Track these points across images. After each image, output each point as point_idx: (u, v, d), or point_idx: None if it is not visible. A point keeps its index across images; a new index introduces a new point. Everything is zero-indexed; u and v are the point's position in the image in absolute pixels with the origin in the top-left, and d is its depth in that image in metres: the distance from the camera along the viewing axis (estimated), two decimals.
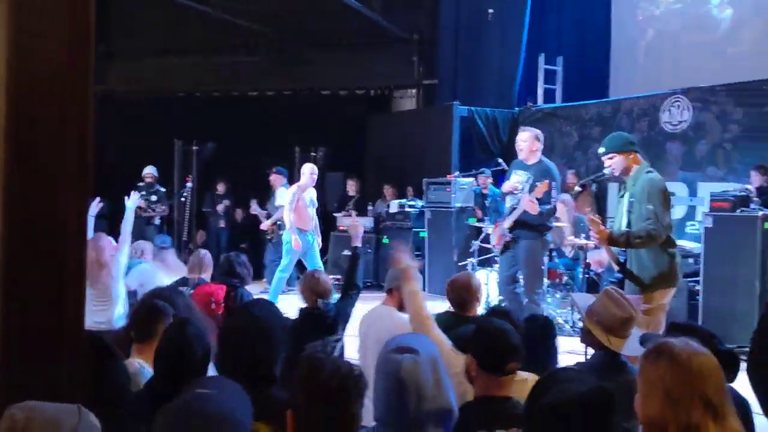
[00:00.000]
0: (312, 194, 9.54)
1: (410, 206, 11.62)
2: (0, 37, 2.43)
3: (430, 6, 14.15)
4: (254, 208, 11.91)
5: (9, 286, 2.43)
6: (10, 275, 2.44)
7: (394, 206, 11.81)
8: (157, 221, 11.60)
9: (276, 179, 11.42)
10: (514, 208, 6.85)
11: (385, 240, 11.57)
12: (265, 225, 11.30)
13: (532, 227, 6.83)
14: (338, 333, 4.46)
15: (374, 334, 4.16)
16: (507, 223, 6.92)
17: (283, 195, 10.18)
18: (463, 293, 4.29)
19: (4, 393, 2.41)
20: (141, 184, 11.16)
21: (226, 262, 5.97)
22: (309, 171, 9.52)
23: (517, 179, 6.94)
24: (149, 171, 11.56)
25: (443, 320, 4.18)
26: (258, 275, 11.65)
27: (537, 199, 6.61)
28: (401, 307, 4.38)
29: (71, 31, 2.51)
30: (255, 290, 8.36)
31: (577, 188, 6.16)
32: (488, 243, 8.72)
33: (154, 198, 11.42)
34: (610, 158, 5.14)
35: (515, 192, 6.92)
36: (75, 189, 2.49)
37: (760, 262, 7.25)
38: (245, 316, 2.91)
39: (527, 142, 6.94)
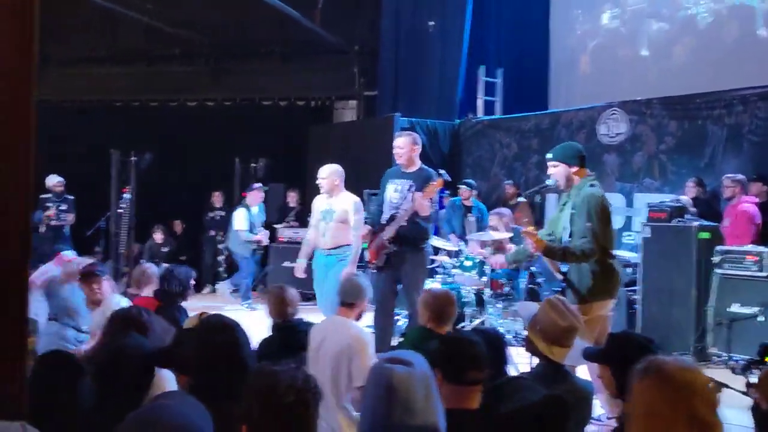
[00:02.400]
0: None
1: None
2: None
3: (370, 17, 14.19)
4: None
5: None
6: None
7: None
8: (67, 231, 11.40)
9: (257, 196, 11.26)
10: (395, 216, 6.31)
11: None
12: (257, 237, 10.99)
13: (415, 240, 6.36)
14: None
15: (329, 345, 4.11)
16: (388, 233, 6.30)
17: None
18: (446, 306, 4.27)
19: None
20: (47, 195, 11.04)
21: (163, 276, 5.86)
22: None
23: (393, 188, 6.44)
24: (59, 180, 11.35)
25: (415, 335, 4.15)
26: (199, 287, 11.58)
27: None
28: (359, 319, 4.36)
29: (12, 34, 2.43)
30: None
31: (522, 199, 6.19)
32: (435, 254, 8.74)
33: (63, 207, 11.24)
34: (554, 166, 5.16)
35: (394, 202, 6.38)
36: (19, 204, 2.41)
37: (695, 270, 7.42)
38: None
39: (405, 147, 6.43)
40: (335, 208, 6.89)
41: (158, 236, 12.80)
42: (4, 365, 2.41)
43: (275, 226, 12.11)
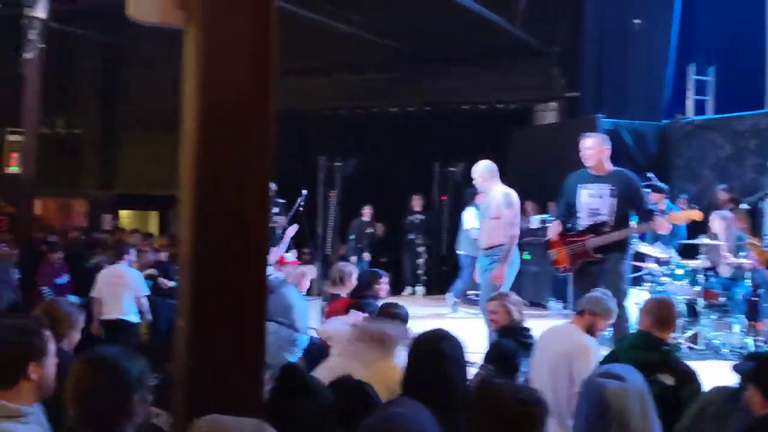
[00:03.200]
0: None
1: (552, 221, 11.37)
2: (190, 61, 2.55)
3: (572, 18, 13.90)
4: None
5: (196, 285, 2.56)
6: (197, 276, 2.56)
7: (535, 222, 11.62)
8: (279, 233, 11.94)
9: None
10: (600, 225, 6.13)
11: (526, 256, 11.33)
12: None
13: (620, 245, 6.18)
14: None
15: (550, 352, 4.13)
16: (595, 242, 6.15)
17: None
18: (669, 312, 4.20)
19: (190, 401, 2.52)
20: None
21: (363, 278, 6.09)
22: None
23: (588, 193, 6.19)
24: (270, 185, 11.89)
25: (637, 339, 4.08)
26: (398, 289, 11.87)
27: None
28: (589, 330, 4.33)
29: (254, 56, 2.60)
30: None
31: (745, 206, 5.82)
32: (641, 261, 8.45)
33: (275, 210, 11.79)
34: None
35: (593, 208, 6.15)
36: (257, 205, 2.59)
37: None
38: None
39: (594, 149, 6.18)
40: (490, 203, 6.81)
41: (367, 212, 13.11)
42: (245, 364, 2.59)
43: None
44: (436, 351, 2.94)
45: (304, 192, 11.36)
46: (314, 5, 13.14)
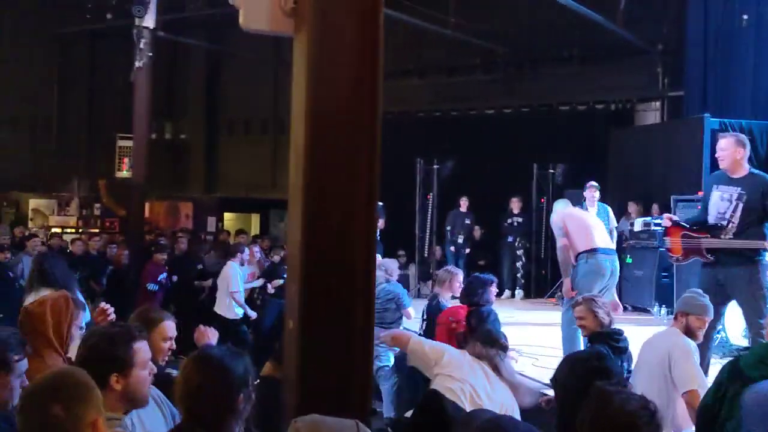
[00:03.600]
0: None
1: (656, 225, 11.09)
2: (299, 68, 2.63)
3: (675, 15, 13.52)
4: None
5: (305, 287, 2.63)
6: (306, 278, 2.63)
7: (638, 224, 11.34)
8: (377, 235, 12.01)
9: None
10: (720, 227, 5.84)
11: (629, 260, 11.14)
12: None
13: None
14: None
15: (650, 352, 4.09)
16: (709, 243, 5.88)
17: None
18: None
19: (297, 396, 2.60)
20: None
21: (469, 283, 6.10)
22: None
23: (719, 195, 5.91)
24: None
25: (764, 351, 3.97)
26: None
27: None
28: (687, 332, 4.26)
29: (361, 61, 2.66)
30: None
31: None
32: None
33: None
34: None
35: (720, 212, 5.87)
36: (365, 209, 2.64)
37: None
38: None
39: (727, 150, 5.88)
40: None
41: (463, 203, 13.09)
42: (353, 364, 2.65)
43: None
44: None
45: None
46: (412, 9, 13.23)
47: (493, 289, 6.25)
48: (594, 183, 10.40)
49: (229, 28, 16.15)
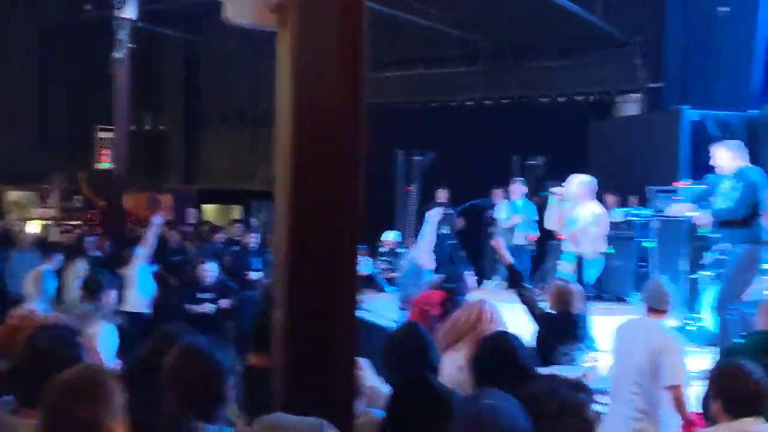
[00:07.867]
0: None
1: (635, 215, 11.17)
2: (284, 62, 2.64)
3: (654, 7, 13.60)
4: None
5: (290, 287, 2.66)
6: (292, 269, 2.66)
7: (617, 215, 11.42)
8: None
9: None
10: None
11: (610, 250, 11.20)
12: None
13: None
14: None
15: (633, 347, 4.14)
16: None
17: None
18: None
19: (287, 388, 2.62)
20: None
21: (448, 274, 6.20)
22: None
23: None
24: None
25: (756, 341, 4.02)
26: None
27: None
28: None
29: (344, 56, 2.66)
30: None
31: None
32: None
33: None
34: None
35: None
36: (351, 202, 2.66)
37: None
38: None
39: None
40: (578, 217, 7.03)
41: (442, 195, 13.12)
42: (338, 353, 2.66)
43: None
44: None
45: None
46: (392, 0, 13.20)
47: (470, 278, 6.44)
48: (519, 178, 11.26)
49: (207, 18, 16.14)
